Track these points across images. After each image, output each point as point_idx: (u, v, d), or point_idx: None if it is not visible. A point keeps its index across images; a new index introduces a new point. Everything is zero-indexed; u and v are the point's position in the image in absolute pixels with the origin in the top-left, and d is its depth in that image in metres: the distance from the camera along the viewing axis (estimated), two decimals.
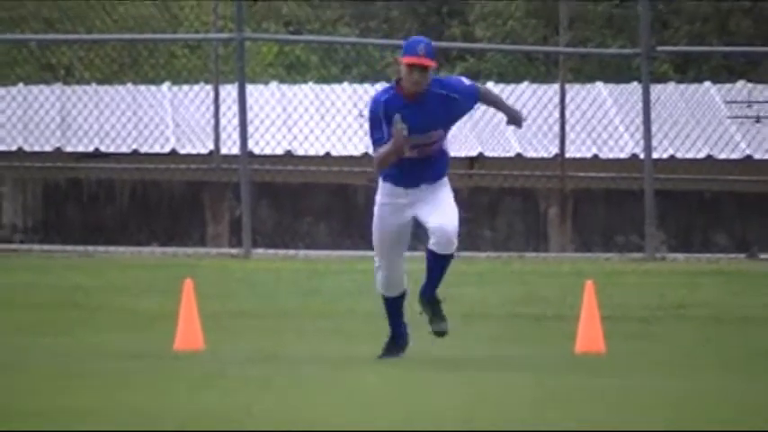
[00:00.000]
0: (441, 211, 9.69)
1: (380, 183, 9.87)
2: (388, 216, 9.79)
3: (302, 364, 10.21)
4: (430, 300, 9.85)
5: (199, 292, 11.37)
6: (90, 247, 22.71)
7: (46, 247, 22.99)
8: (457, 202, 9.98)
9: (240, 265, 21.26)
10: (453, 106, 9.67)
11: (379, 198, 9.85)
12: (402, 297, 10.03)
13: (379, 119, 9.58)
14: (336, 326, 14.79)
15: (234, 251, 22.75)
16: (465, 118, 10.93)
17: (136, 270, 20.34)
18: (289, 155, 24.77)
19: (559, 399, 7.61)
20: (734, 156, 24.81)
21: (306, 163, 24.55)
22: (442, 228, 9.62)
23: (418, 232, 10.15)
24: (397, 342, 10.05)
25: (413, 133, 9.42)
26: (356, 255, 21.36)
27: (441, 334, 10.00)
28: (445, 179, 9.86)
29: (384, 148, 9.49)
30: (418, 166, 9.69)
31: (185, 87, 25.49)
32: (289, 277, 19.46)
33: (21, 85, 25.54)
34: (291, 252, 22.86)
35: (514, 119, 10.08)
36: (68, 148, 24.93)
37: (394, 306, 10.02)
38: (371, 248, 10.19)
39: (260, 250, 22.68)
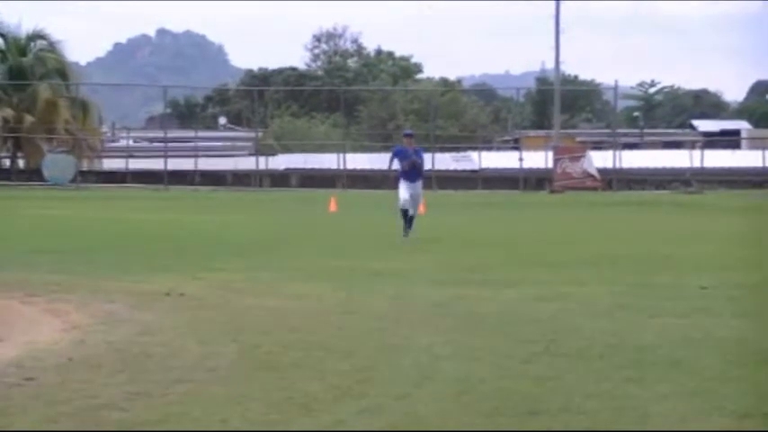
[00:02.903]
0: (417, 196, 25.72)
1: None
2: (402, 188, 25.44)
3: None
4: (407, 227, 25.43)
5: None
6: None
7: None
8: None
9: None
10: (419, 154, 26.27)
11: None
12: (406, 210, 25.35)
13: (394, 155, 26.22)
14: None
15: None
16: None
17: None
18: None
19: None
20: None
21: None
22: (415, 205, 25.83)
23: None
24: (405, 221, 25.34)
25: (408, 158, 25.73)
26: None
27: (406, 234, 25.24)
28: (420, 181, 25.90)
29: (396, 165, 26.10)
30: (412, 172, 25.38)
31: None
32: None
33: None
34: None
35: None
36: None
37: (403, 210, 25.41)
38: None
39: None
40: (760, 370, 10.60)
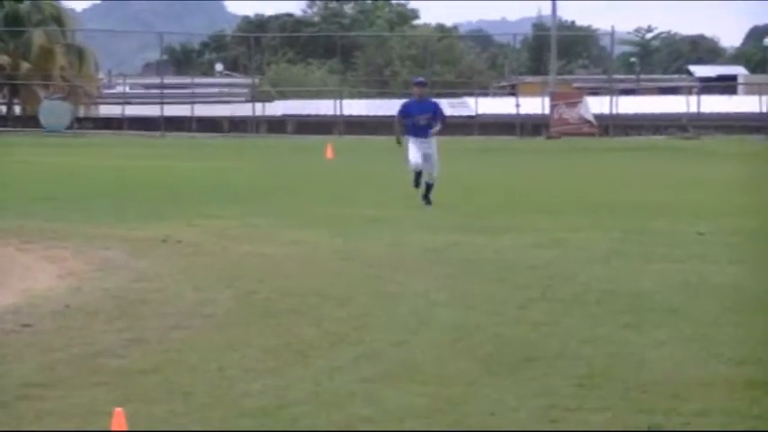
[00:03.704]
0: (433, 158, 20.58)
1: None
2: (411, 147, 20.48)
3: None
4: (426, 197, 20.51)
5: None
6: None
7: None
8: None
9: None
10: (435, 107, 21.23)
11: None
12: (420, 173, 20.48)
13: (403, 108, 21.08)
14: None
15: None
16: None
17: None
18: None
19: None
20: None
21: None
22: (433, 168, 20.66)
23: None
24: (417, 180, 20.56)
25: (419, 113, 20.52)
26: None
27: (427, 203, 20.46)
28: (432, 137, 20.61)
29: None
30: (422, 126, 20.41)
31: None
32: None
33: None
34: None
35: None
36: None
37: (416, 173, 20.61)
38: None
39: None
40: (756, 316, 10.61)
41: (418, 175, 20.39)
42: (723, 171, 30.61)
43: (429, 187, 20.04)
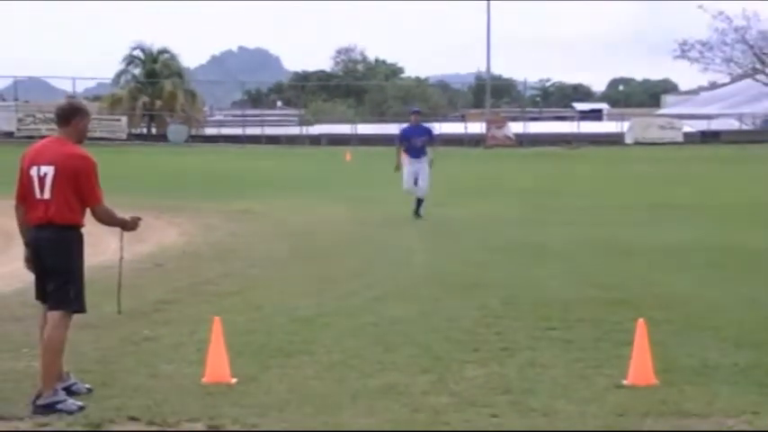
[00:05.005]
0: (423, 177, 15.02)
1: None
2: (406, 169, 15.08)
3: None
4: (417, 212, 14.86)
5: None
6: None
7: None
8: None
9: None
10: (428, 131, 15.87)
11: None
12: (413, 193, 15.07)
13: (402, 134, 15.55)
14: None
15: None
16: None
17: None
18: None
19: None
20: None
21: None
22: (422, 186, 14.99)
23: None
24: (417, 204, 14.95)
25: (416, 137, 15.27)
26: None
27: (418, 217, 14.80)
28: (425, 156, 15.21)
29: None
30: (416, 148, 15.11)
31: None
32: None
33: None
34: None
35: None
36: None
37: (407, 190, 15.12)
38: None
39: None
40: (618, 258, 10.53)
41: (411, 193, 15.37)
42: (594, 169, 30.43)
43: (419, 203, 15.04)
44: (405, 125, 16.44)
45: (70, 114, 5.17)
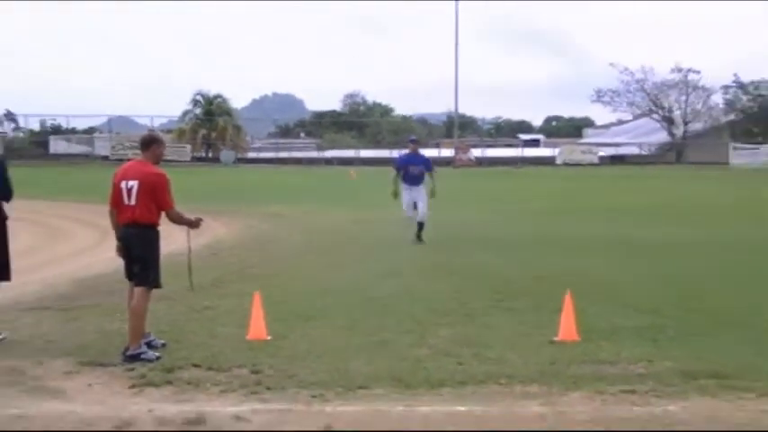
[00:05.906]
0: (422, 202, 11.61)
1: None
2: (405, 196, 11.72)
3: None
4: (418, 236, 11.37)
5: None
6: None
7: None
8: None
9: None
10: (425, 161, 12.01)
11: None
12: (414, 218, 11.58)
13: (399, 161, 12.00)
14: None
15: None
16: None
17: None
18: None
19: None
20: None
21: None
22: (422, 210, 11.56)
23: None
24: (419, 228, 11.46)
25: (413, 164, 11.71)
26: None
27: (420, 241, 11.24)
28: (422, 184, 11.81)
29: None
30: (413, 176, 11.71)
31: None
32: None
33: None
34: None
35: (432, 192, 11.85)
36: None
37: (409, 216, 11.64)
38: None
39: None
40: (550, 246, 10.48)
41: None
42: (534, 183, 30.38)
43: (420, 226, 11.57)
44: (403, 152, 13.93)
45: (150, 142, 5.26)
